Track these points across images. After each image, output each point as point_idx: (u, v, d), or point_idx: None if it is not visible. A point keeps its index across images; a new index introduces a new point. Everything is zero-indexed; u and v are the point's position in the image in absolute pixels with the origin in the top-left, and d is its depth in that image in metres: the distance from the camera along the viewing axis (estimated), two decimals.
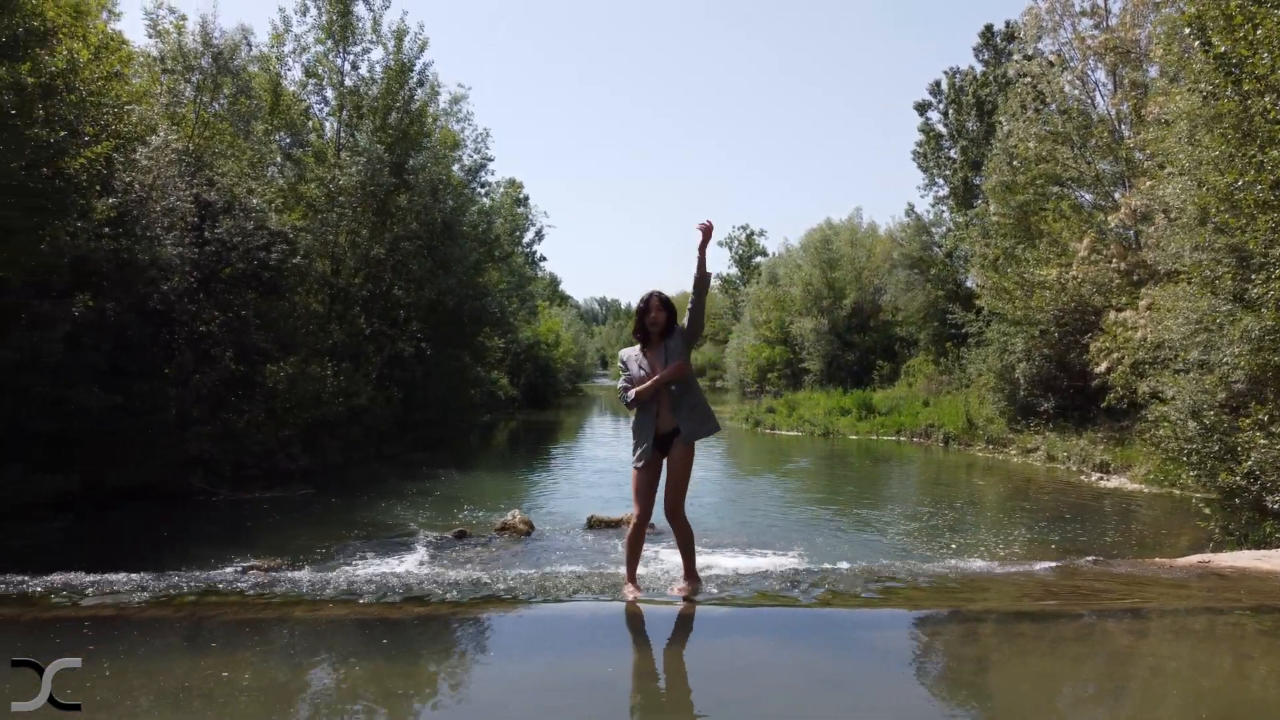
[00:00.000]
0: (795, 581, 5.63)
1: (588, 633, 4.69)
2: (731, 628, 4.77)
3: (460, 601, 4.80)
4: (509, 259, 34.13)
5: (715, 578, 5.99)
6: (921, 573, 6.52)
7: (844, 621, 4.90)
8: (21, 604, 4.74)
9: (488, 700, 3.73)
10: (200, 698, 3.54)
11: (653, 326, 5.71)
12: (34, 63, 10.81)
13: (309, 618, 4.49)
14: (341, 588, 5.07)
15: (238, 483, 15.33)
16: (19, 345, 10.58)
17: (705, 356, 76.30)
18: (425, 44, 23.19)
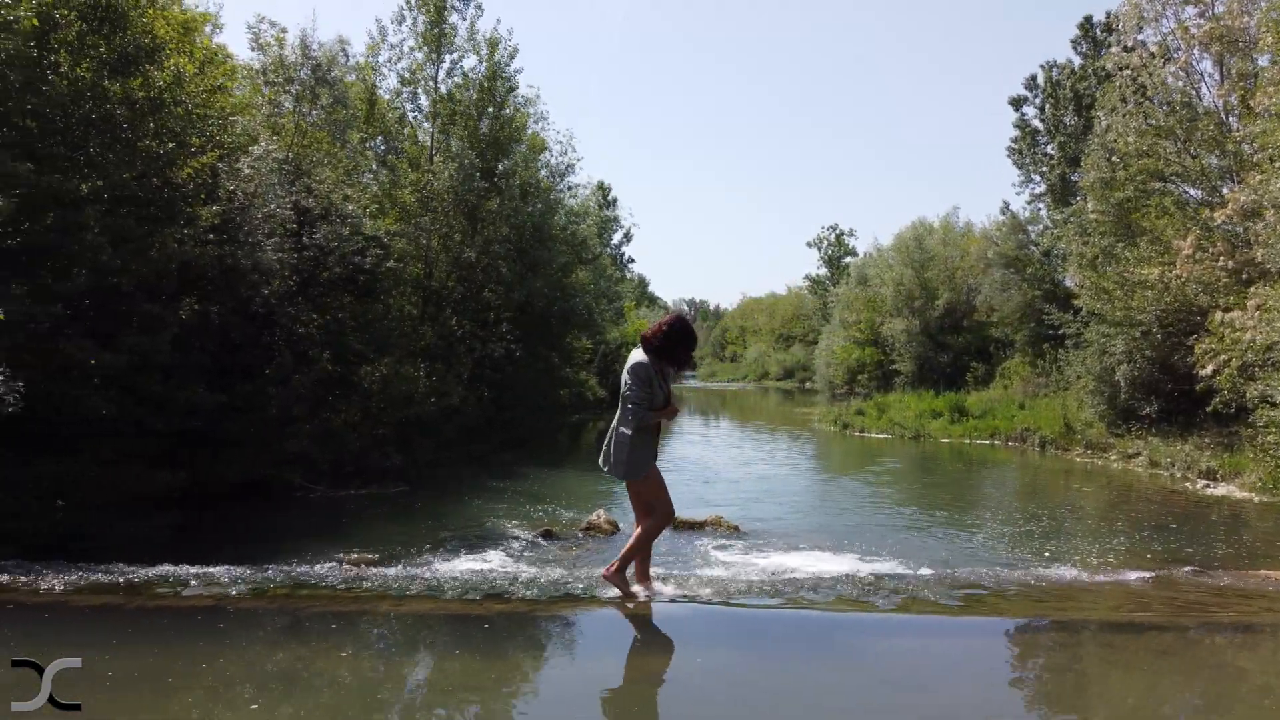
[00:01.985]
0: (876, 587, 5.59)
1: (659, 632, 4.73)
2: (807, 631, 4.76)
3: (538, 599, 4.91)
4: (596, 260, 34.39)
5: (795, 581, 5.97)
6: (1008, 580, 6.40)
7: (922, 628, 4.84)
8: (129, 593, 5.01)
9: (558, 696, 3.80)
10: (298, 684, 3.70)
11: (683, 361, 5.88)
12: (144, 78, 11.34)
13: (394, 612, 4.65)
14: (427, 584, 5.22)
15: (335, 480, 15.82)
16: (131, 347, 11.10)
17: (794, 358, 75.65)
18: (515, 51, 23.58)
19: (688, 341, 5.96)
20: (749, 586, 5.82)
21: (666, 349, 5.84)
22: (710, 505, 14.66)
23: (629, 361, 5.90)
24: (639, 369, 5.78)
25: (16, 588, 5.22)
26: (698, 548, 10.76)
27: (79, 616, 4.62)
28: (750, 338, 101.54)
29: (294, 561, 9.62)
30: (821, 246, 79.60)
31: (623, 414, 5.84)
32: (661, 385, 5.86)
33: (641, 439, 5.76)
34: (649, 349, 5.91)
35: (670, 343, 5.86)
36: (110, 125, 11.24)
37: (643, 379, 5.76)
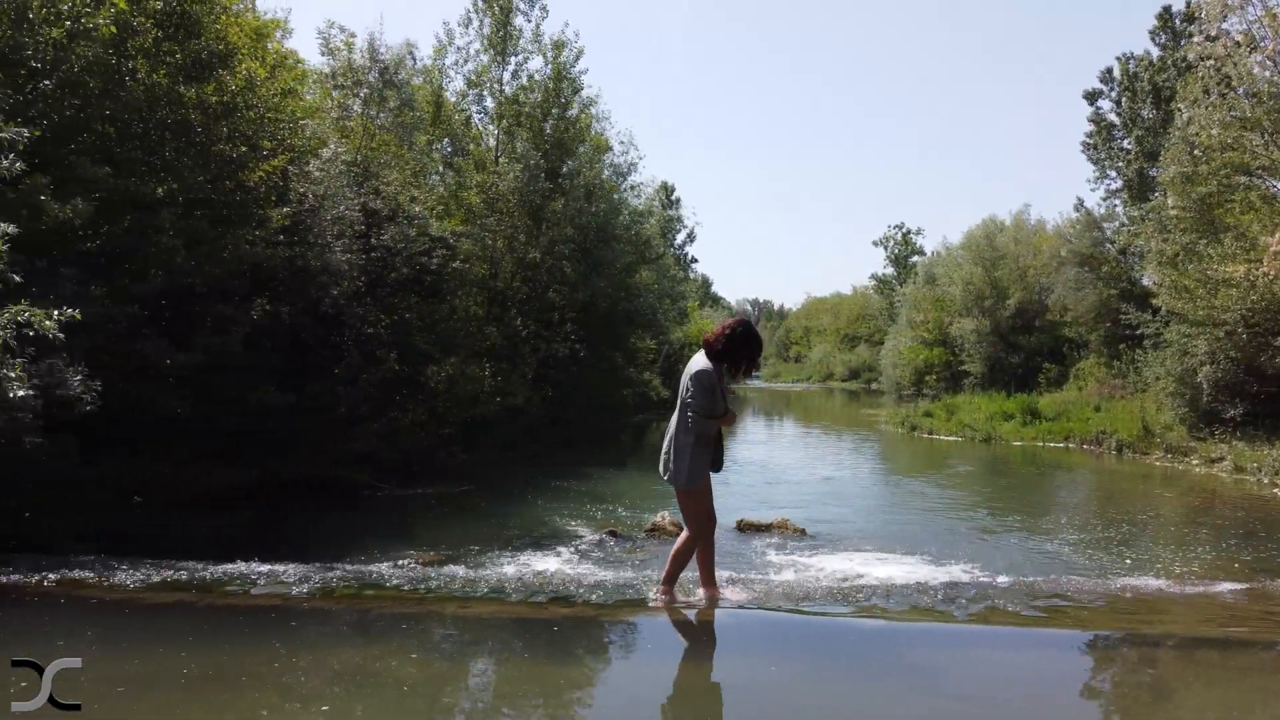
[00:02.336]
0: (952, 596, 5.40)
1: (729, 638, 4.62)
2: (880, 642, 4.60)
3: (604, 604, 4.83)
4: (659, 260, 34.34)
5: (866, 588, 5.80)
6: (1089, 590, 6.15)
7: (1002, 640, 4.65)
8: (200, 590, 5.06)
9: (625, 703, 3.72)
10: (368, 685, 3.68)
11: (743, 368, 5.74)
12: (217, 83, 11.56)
13: (461, 614, 4.62)
14: (492, 585, 5.18)
15: (401, 478, 15.98)
16: (204, 348, 11.32)
17: (859, 358, 74.76)
18: (581, 52, 23.62)
19: (752, 346, 5.82)
20: (819, 593, 5.67)
21: (729, 353, 5.70)
22: (775, 507, 14.46)
23: (691, 367, 5.77)
24: (703, 376, 5.65)
25: (94, 584, 5.30)
26: (763, 550, 10.59)
27: (152, 614, 4.67)
28: (815, 338, 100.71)
29: (361, 560, 9.73)
30: (888, 245, 78.63)
31: (681, 420, 5.73)
32: (723, 392, 5.72)
33: (700, 447, 5.64)
34: (711, 353, 5.76)
35: (733, 347, 5.72)
36: (185, 130, 11.47)
37: (705, 386, 5.63)
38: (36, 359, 6.79)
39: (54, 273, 8.36)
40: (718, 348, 5.73)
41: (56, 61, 8.96)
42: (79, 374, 7.18)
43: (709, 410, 5.61)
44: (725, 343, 5.70)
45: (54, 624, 4.61)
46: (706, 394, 5.62)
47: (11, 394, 5.99)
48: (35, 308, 6.26)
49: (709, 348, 5.80)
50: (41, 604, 4.94)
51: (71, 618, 4.71)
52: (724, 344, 5.70)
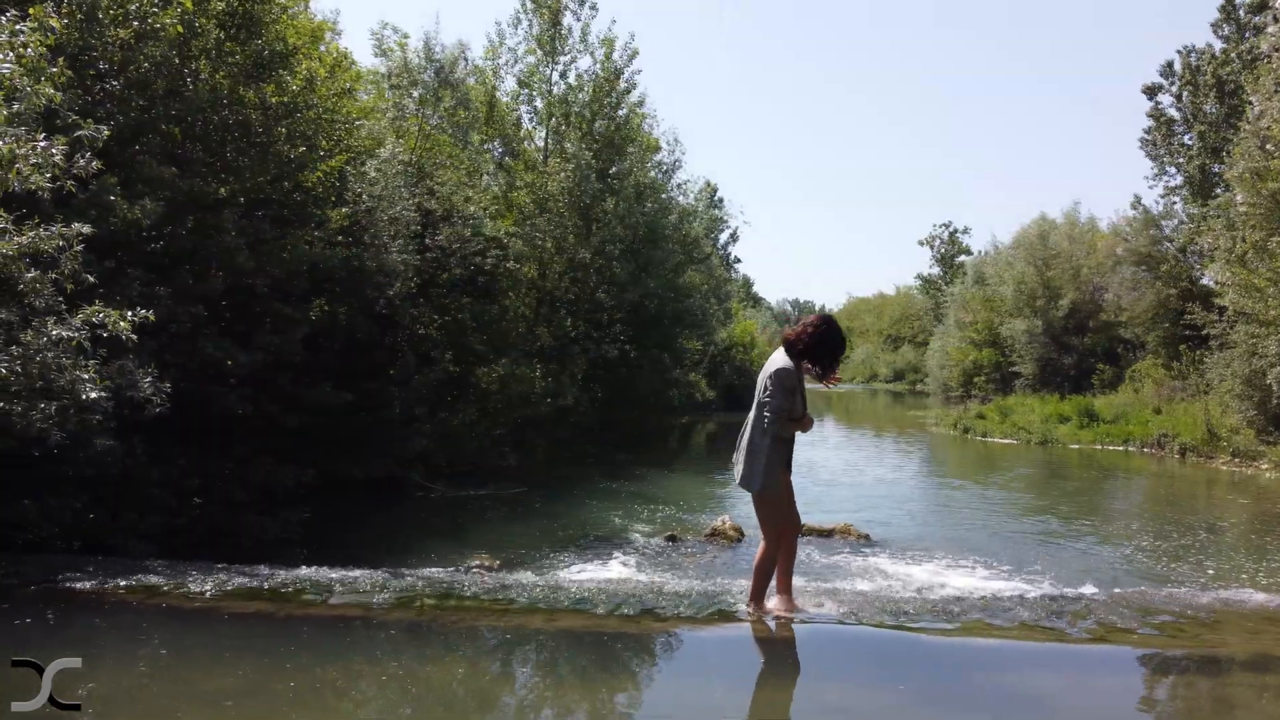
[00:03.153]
0: (1057, 611, 5.13)
1: (834, 658, 4.40)
2: (997, 665, 4.35)
3: (695, 617, 4.63)
4: (706, 260, 34.06)
5: (959, 599, 5.55)
6: (1195, 604, 5.83)
7: (1126, 665, 4.38)
8: (275, 600, 4.94)
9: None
10: (467, 708, 3.52)
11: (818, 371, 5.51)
12: (277, 83, 11.53)
13: (549, 628, 4.45)
14: (573, 596, 5.00)
15: (453, 479, 15.92)
16: (265, 347, 11.30)
17: (903, 359, 73.93)
18: (636, 53, 23.45)
19: (836, 344, 5.56)
20: (913, 605, 5.41)
21: (812, 352, 5.43)
22: (833, 511, 14.20)
23: (770, 365, 5.52)
24: (784, 375, 5.39)
25: (167, 591, 5.21)
26: (830, 557, 10.35)
27: (231, 624, 4.56)
28: (857, 338, 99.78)
29: (426, 563, 9.64)
30: (934, 245, 77.66)
31: (758, 420, 5.49)
32: (802, 395, 5.48)
33: (777, 450, 5.40)
34: (793, 351, 5.49)
35: (817, 345, 5.46)
36: (246, 130, 11.46)
37: (786, 386, 5.37)
38: (108, 360, 6.74)
39: (121, 273, 8.34)
40: (799, 346, 5.46)
41: (124, 62, 8.95)
42: (148, 375, 7.11)
43: (788, 410, 5.36)
44: (809, 340, 5.43)
45: (132, 632, 4.51)
46: (787, 394, 5.35)
47: (84, 395, 5.94)
48: (109, 309, 6.19)
49: (790, 345, 5.52)
50: (113, 610, 4.85)
51: (146, 626, 4.61)
52: (808, 342, 5.43)
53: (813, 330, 5.48)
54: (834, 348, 5.53)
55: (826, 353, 5.47)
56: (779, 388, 5.34)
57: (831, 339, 5.49)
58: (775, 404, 5.35)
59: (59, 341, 5.71)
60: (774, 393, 5.34)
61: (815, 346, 5.39)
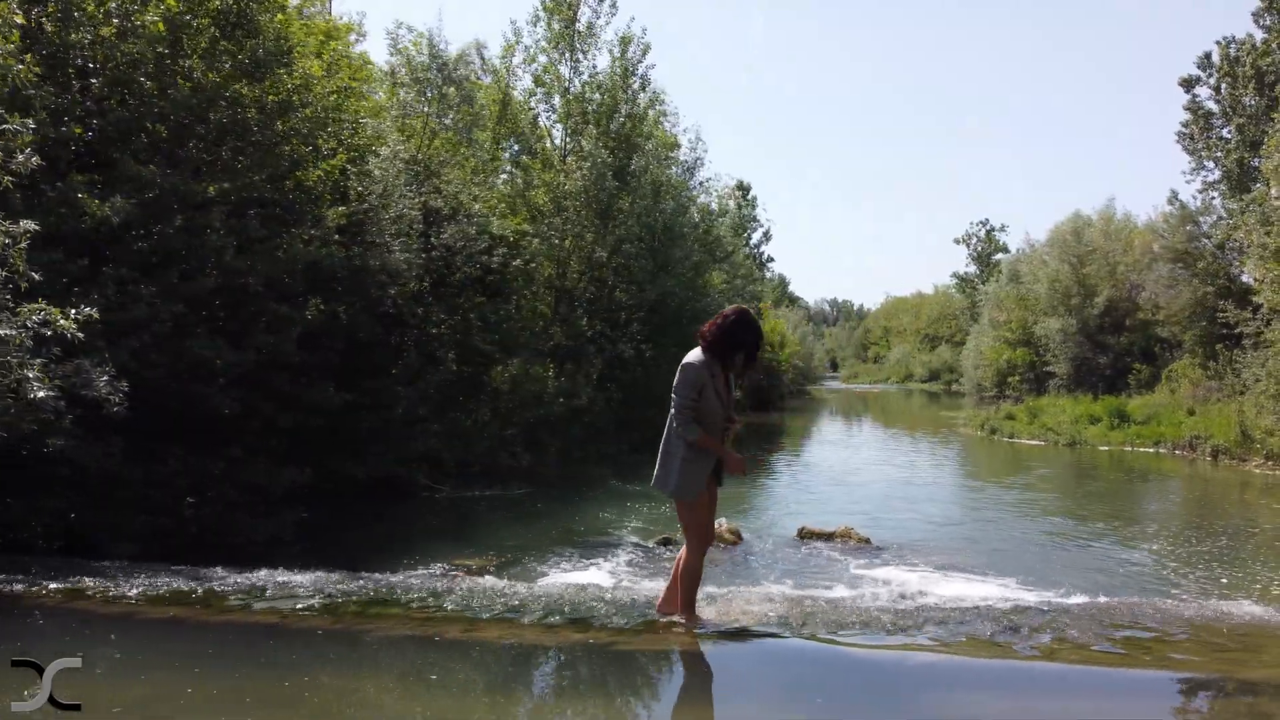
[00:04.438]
0: (1014, 624, 4.86)
1: (759, 672, 4.18)
2: (924, 681, 4.10)
3: (624, 628, 4.43)
4: (729, 258, 33.69)
5: (920, 612, 5.30)
6: (1177, 617, 5.54)
7: (1067, 682, 4.10)
8: (201, 604, 4.83)
9: None
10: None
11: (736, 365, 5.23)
12: (273, 81, 11.49)
13: (463, 638, 4.28)
14: (509, 603, 4.83)
15: (460, 480, 15.83)
16: (259, 346, 11.25)
17: (939, 359, 73.03)
18: (648, 48, 23.27)
19: (747, 336, 5.22)
20: (867, 616, 5.16)
21: (721, 345, 5.15)
22: (842, 513, 13.92)
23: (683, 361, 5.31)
24: (685, 368, 5.13)
25: (92, 595, 5.12)
26: (824, 561, 10.10)
27: (138, 630, 4.44)
28: (894, 338, 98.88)
29: (406, 565, 9.54)
30: (970, 243, 76.62)
31: (671, 420, 5.26)
32: (720, 393, 5.22)
33: (696, 454, 5.15)
34: (704, 347, 5.25)
35: (725, 337, 5.16)
36: (242, 129, 11.42)
37: (689, 380, 5.09)
38: (62, 359, 6.67)
39: (95, 271, 8.30)
40: (708, 338, 5.21)
41: (105, 60, 8.93)
42: (105, 374, 7.04)
43: (693, 407, 5.10)
44: (716, 334, 5.17)
45: (40, 638, 4.41)
46: (689, 387, 5.07)
47: (31, 395, 5.86)
48: (51, 307, 6.11)
49: (700, 339, 5.30)
50: (22, 614, 4.75)
51: (56, 632, 4.51)
52: (714, 335, 5.17)
53: (719, 323, 5.24)
54: (745, 338, 5.22)
55: (738, 344, 5.18)
56: (680, 381, 5.14)
57: (740, 330, 5.20)
58: (676, 400, 5.13)
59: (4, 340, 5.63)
60: (676, 386, 5.14)
61: (724, 338, 5.14)
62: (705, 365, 5.14)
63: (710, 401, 5.15)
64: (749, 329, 5.19)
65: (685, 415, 5.12)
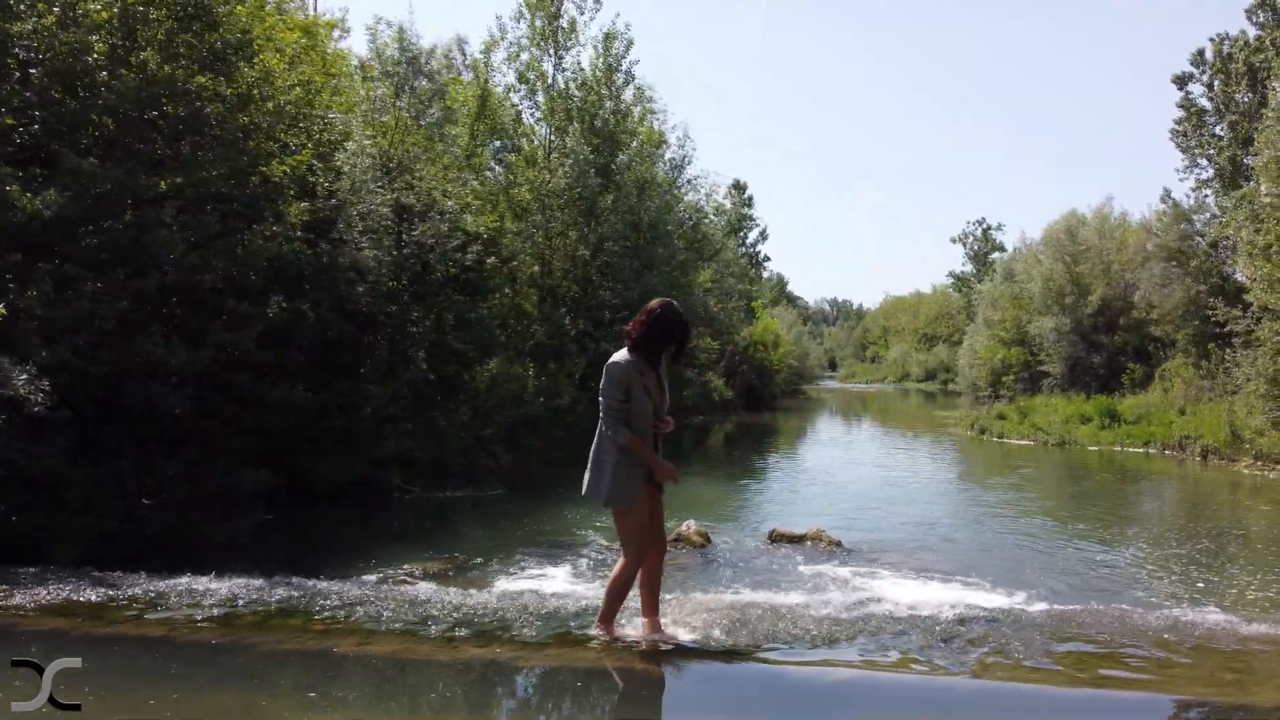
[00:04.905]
0: (952, 634, 4.62)
1: (653, 696, 3.93)
2: (842, 699, 3.86)
3: (530, 641, 4.20)
4: (716, 257, 33.40)
5: (860, 621, 5.06)
6: (1133, 627, 5.30)
7: (993, 702, 3.86)
8: (91, 616, 4.59)
9: None
10: None
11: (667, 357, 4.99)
12: (233, 74, 11.27)
13: (353, 653, 4.04)
14: (420, 613, 4.59)
15: (434, 481, 15.58)
16: (217, 345, 11.01)
17: (936, 358, 72.82)
18: (631, 43, 23.04)
19: (672, 330, 5.00)
20: (799, 629, 4.91)
21: (648, 341, 4.93)
22: (818, 515, 13.67)
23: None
24: (611, 368, 4.91)
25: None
26: (789, 565, 9.85)
27: (9, 645, 4.20)
28: (893, 338, 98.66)
29: (355, 571, 9.30)
30: (967, 242, 76.42)
31: (601, 425, 5.01)
32: (650, 391, 4.95)
33: (627, 457, 4.91)
34: (630, 345, 5.01)
35: (652, 333, 4.94)
36: (200, 122, 11.19)
37: (615, 380, 4.87)
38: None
39: (30, 267, 8.06)
40: (634, 335, 4.98)
41: (44, 50, 8.70)
42: (24, 373, 6.80)
43: (620, 408, 4.86)
44: (641, 329, 4.95)
45: None
46: (617, 387, 4.85)
47: None
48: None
49: (626, 337, 5.07)
50: None
51: None
52: (640, 331, 4.95)
53: (644, 319, 5.01)
54: (670, 333, 5.01)
55: (664, 340, 4.95)
56: (607, 383, 4.92)
57: (665, 325, 4.97)
58: (603, 402, 4.90)
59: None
60: (603, 388, 4.91)
61: (645, 336, 4.92)
62: (632, 364, 4.93)
63: (640, 402, 4.92)
64: (674, 322, 4.98)
65: (613, 418, 4.90)
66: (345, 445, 13.86)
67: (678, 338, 4.99)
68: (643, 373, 4.94)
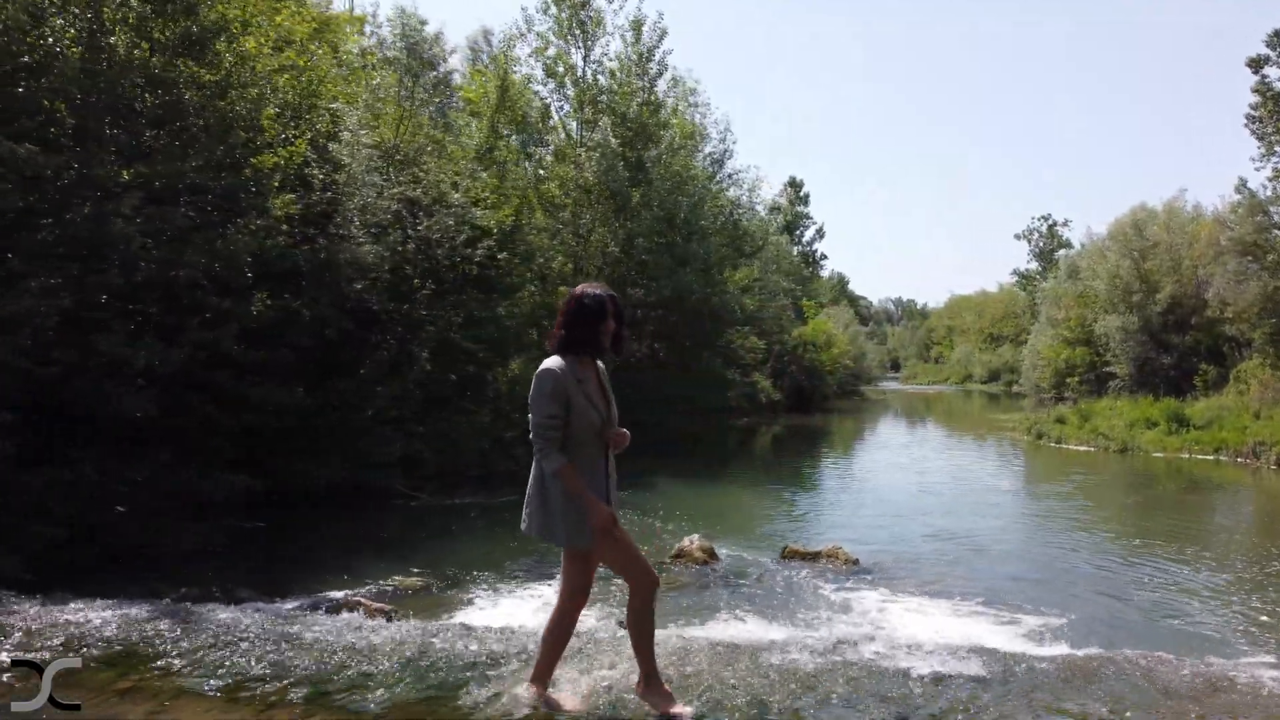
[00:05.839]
0: (933, 694, 3.70)
1: None
2: None
3: (392, 705, 3.37)
4: (758, 254, 32.28)
5: (838, 669, 4.15)
6: (1160, 683, 4.32)
7: None
8: None
9: None
10: None
11: (608, 340, 4.03)
12: (208, 61, 10.72)
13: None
14: (282, 661, 3.81)
15: (443, 486, 14.91)
16: (195, 343, 10.43)
17: (1000, 359, 70.72)
18: (664, 33, 22.17)
19: (599, 312, 3.98)
20: (757, 688, 3.99)
21: (576, 335, 3.96)
22: (841, 526, 12.75)
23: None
24: (541, 377, 3.94)
25: None
26: (796, 586, 8.93)
27: None
28: (958, 338, 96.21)
29: (321, 585, 8.62)
30: (1032, 239, 73.96)
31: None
32: (592, 398, 3.99)
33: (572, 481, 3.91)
34: (560, 347, 4.01)
35: (577, 326, 3.95)
36: (178, 111, 10.64)
37: (545, 392, 3.89)
38: None
39: None
40: (560, 332, 4.01)
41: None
42: None
43: (556, 424, 3.86)
44: (565, 322, 3.99)
45: None
46: (546, 399, 3.88)
47: None
48: None
49: (550, 341, 4.08)
50: None
51: None
52: (565, 324, 3.99)
53: (564, 310, 4.02)
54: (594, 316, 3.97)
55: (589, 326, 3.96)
56: (535, 393, 3.91)
57: (587, 307, 3.98)
58: (532, 420, 3.91)
59: None
60: (531, 400, 3.93)
61: (573, 327, 3.96)
62: (566, 369, 3.94)
63: (583, 414, 3.94)
64: (600, 300, 3.97)
65: (544, 438, 3.91)
66: (341, 448, 13.25)
67: (612, 314, 3.99)
68: (581, 377, 3.99)
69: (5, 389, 8.17)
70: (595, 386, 4.09)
